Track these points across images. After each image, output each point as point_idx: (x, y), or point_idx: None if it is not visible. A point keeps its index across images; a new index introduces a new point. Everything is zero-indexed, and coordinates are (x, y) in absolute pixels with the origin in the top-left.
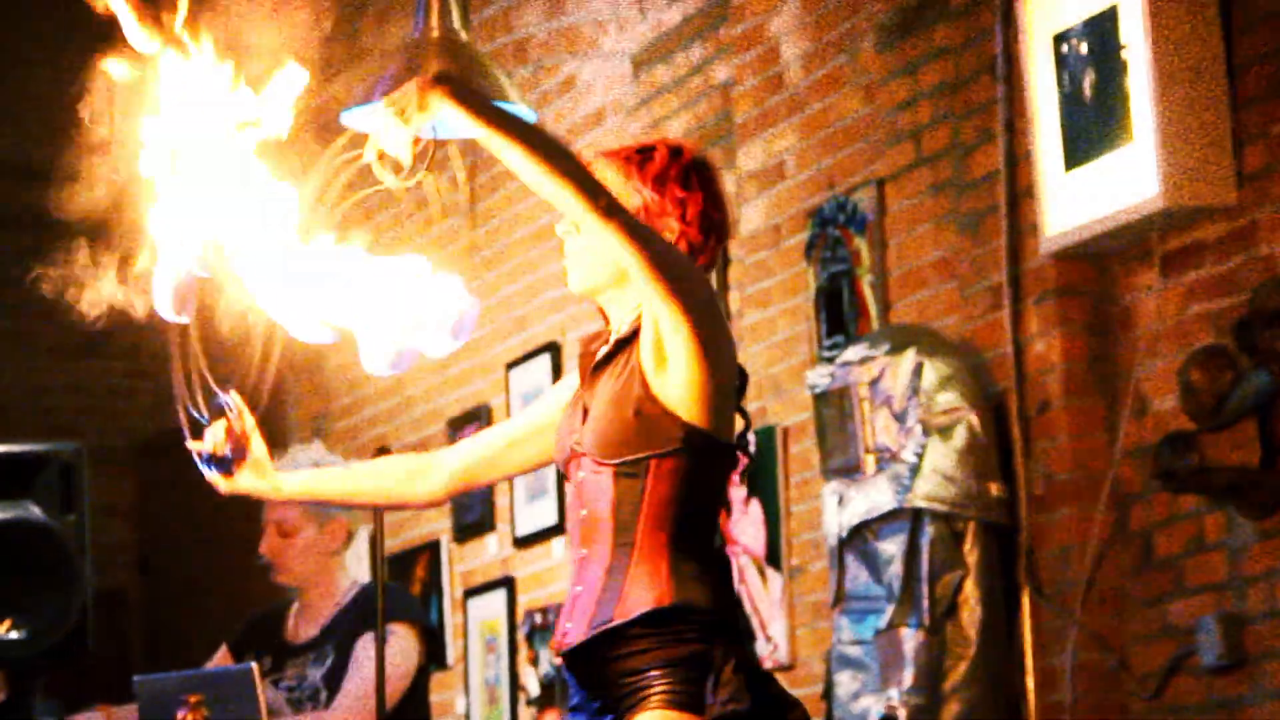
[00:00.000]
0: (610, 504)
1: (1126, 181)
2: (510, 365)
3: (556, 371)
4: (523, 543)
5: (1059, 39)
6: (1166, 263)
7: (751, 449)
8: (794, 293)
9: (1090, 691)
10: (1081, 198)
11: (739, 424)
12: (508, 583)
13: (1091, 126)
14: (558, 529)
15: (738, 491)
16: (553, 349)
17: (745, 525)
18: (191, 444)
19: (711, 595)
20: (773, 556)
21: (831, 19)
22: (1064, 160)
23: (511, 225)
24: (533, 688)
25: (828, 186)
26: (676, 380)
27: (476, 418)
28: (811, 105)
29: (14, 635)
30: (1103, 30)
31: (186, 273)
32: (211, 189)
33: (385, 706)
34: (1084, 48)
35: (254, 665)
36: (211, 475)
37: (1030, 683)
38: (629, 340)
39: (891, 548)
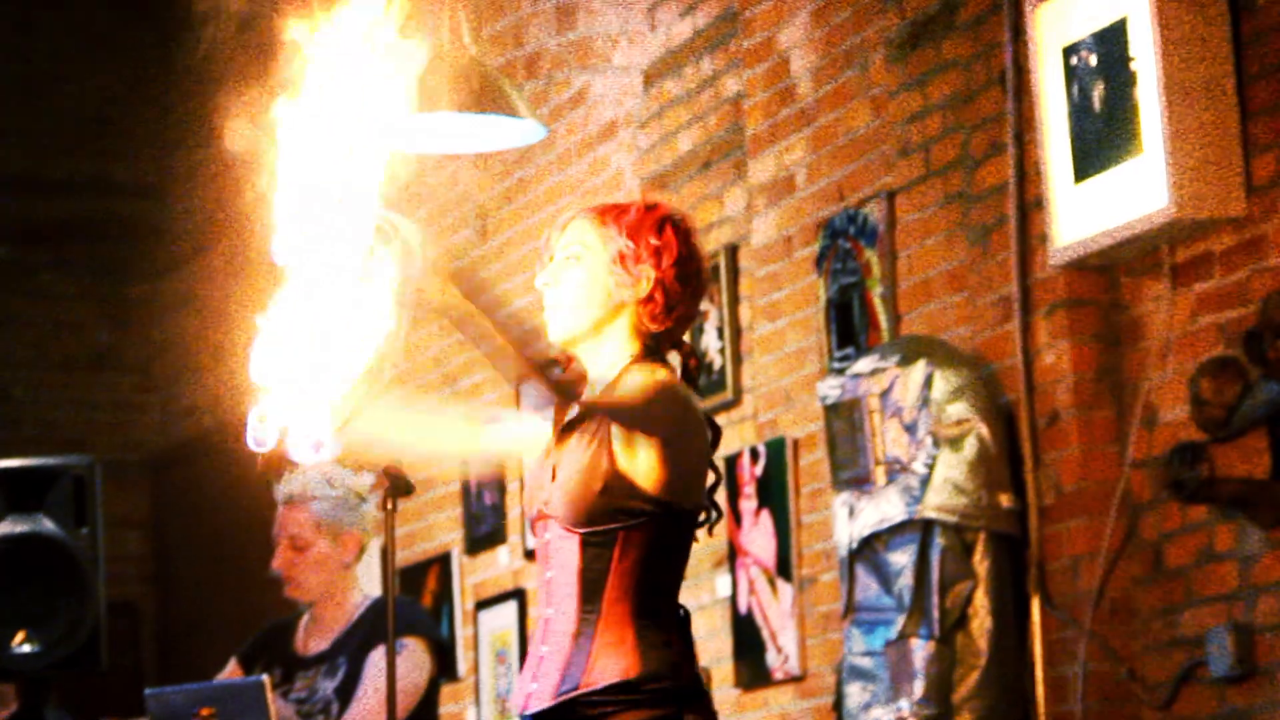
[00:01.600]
0: (577, 570)
1: (1136, 193)
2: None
3: None
4: (534, 555)
5: (1068, 51)
6: (1176, 273)
7: (719, 505)
8: (804, 305)
9: (1100, 702)
10: (1091, 209)
11: (710, 478)
12: (519, 595)
13: (1101, 138)
14: None
15: (748, 503)
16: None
17: (756, 536)
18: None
19: (677, 665)
20: (783, 567)
21: (841, 32)
22: (1074, 172)
23: (521, 239)
24: None
25: (838, 199)
26: (644, 468)
27: None
28: (822, 118)
29: (27, 648)
30: (1112, 42)
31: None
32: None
33: (396, 719)
34: (1093, 60)
35: (265, 678)
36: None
37: (1040, 693)
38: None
39: (902, 559)
